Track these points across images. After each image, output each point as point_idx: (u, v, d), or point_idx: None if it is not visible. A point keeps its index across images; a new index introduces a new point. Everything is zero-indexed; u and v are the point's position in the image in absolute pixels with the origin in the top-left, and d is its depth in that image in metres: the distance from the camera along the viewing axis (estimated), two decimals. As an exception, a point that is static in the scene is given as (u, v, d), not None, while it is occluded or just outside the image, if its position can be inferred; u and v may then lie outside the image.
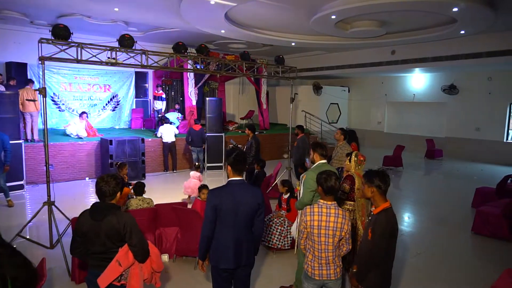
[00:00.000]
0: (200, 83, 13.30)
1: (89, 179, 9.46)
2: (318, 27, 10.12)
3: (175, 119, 12.20)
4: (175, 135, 10.55)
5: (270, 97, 16.55)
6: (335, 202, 2.88)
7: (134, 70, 13.06)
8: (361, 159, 4.50)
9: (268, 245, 5.07)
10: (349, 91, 18.29)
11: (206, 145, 10.51)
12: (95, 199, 2.75)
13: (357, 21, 9.77)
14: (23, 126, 8.89)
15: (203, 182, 7.40)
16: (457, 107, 14.38)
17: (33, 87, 9.21)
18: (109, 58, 5.57)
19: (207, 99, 11.37)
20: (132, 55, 6.05)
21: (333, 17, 8.90)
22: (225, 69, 7.76)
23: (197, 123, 10.67)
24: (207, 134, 10.65)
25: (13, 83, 9.41)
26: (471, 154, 13.82)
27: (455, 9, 7.95)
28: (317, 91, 16.88)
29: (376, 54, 13.55)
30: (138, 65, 6.06)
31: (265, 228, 4.98)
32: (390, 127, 16.92)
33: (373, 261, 2.62)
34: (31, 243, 5.12)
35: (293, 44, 12.43)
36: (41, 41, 4.95)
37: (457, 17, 8.66)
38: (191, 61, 7.78)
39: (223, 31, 10.87)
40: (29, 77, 10.57)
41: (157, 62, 6.73)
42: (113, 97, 13.16)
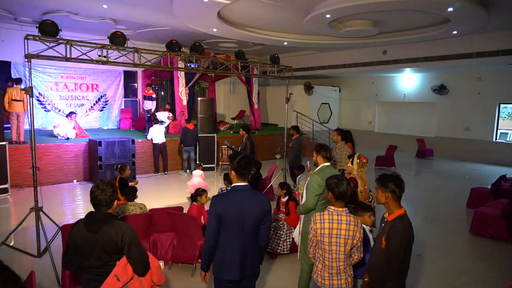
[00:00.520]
0: (190, 83, 13.06)
1: (77, 182, 9.14)
2: (312, 26, 10.01)
3: (165, 119, 11.93)
4: (165, 135, 10.32)
5: (260, 97, 16.40)
6: (346, 208, 2.73)
7: (123, 69, 12.74)
8: (364, 161, 4.41)
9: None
10: (340, 91, 18.30)
11: (198, 144, 10.39)
12: (84, 202, 2.55)
13: (351, 21, 9.70)
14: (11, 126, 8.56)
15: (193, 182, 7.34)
16: (447, 107, 14.50)
17: (21, 87, 8.85)
18: (99, 56, 5.32)
19: (199, 99, 11.18)
20: (124, 53, 5.82)
21: (327, 16, 8.80)
22: (220, 68, 7.58)
23: (189, 123, 10.47)
24: (199, 135, 10.48)
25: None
26: (461, 153, 13.95)
27: (450, 9, 7.94)
28: (308, 91, 16.80)
29: (367, 54, 13.54)
30: (130, 63, 5.83)
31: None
32: (380, 127, 16.96)
33: (389, 273, 2.49)
34: (17, 251, 4.83)
35: (285, 43, 12.30)
36: (27, 38, 4.69)
37: (451, 17, 8.66)
38: (182, 60, 7.57)
39: (215, 30, 10.68)
40: (13, 76, 10.19)
41: (149, 60, 6.50)
42: (101, 97, 12.83)
